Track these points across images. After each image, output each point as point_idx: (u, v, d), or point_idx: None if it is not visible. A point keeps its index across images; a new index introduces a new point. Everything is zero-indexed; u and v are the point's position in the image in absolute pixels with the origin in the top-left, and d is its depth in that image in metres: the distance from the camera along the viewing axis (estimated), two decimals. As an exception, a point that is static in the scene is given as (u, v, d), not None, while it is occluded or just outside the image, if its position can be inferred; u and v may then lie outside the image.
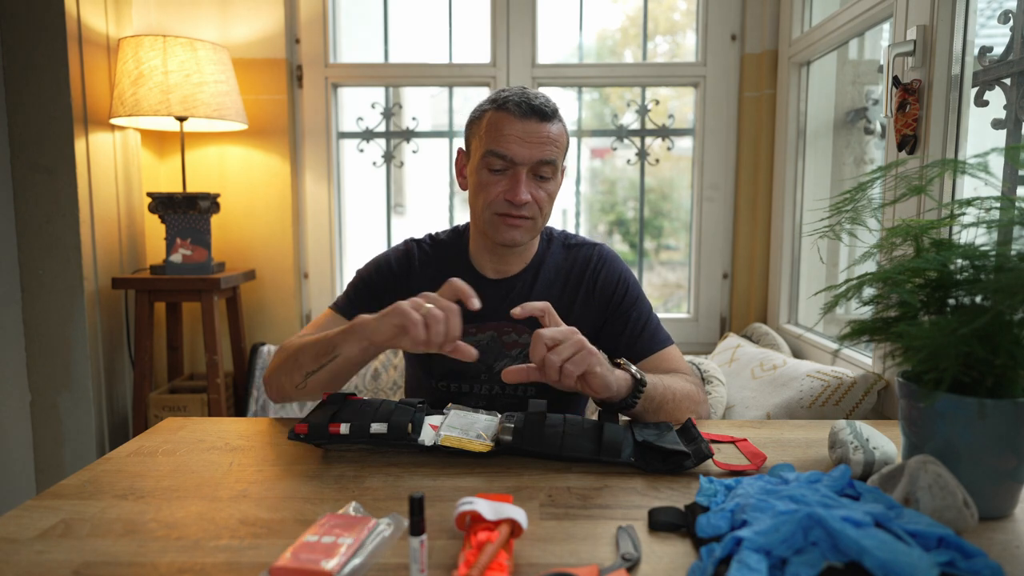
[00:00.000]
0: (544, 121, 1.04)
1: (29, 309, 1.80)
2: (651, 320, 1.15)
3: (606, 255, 1.18)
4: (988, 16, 1.25)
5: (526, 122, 1.02)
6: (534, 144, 1.03)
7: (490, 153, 1.03)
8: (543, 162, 1.04)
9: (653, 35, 2.45)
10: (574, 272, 1.16)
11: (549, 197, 1.08)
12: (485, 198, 1.06)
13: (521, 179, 1.03)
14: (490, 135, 1.04)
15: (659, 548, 0.62)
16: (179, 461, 0.85)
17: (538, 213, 1.07)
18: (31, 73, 1.74)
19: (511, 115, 1.03)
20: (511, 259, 1.13)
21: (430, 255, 1.18)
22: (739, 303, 2.19)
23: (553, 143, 1.05)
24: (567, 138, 1.10)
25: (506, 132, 1.02)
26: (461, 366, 1.13)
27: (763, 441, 0.92)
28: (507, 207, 1.04)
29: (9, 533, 0.65)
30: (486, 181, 1.05)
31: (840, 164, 1.90)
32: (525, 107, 1.03)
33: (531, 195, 1.04)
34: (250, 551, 0.62)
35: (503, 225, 1.05)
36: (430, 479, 0.79)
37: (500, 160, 1.03)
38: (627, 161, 2.26)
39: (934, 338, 0.62)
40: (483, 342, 1.13)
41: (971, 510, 0.62)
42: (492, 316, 1.12)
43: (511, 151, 1.02)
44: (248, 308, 2.21)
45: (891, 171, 0.85)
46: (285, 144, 2.16)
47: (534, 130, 1.03)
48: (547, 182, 1.06)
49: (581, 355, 0.85)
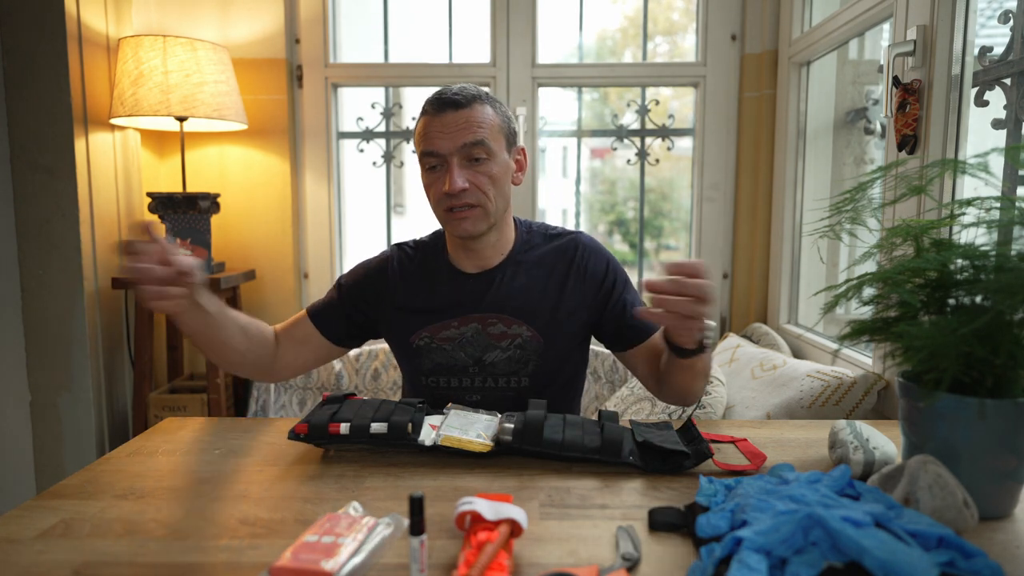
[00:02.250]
0: (459, 108, 1.06)
1: (29, 309, 1.80)
2: (641, 302, 1.18)
3: (588, 242, 1.19)
4: (988, 16, 1.25)
5: (442, 115, 1.05)
6: (453, 132, 1.05)
7: (423, 155, 1.07)
8: (468, 144, 1.05)
9: (653, 35, 2.45)
10: (561, 260, 1.17)
11: (491, 179, 1.07)
12: (432, 198, 1.09)
13: (452, 169, 1.05)
14: (420, 139, 1.08)
15: (659, 548, 0.62)
16: (179, 461, 0.85)
17: (484, 198, 1.07)
18: (31, 73, 1.74)
19: (429, 115, 1.07)
20: (485, 252, 1.14)
21: (411, 258, 1.20)
22: (739, 303, 2.19)
23: (475, 125, 1.06)
24: (501, 120, 1.10)
25: (429, 130, 1.06)
26: (448, 361, 1.14)
27: (763, 441, 0.92)
28: (448, 200, 1.06)
29: (9, 533, 0.65)
30: (427, 182, 1.09)
31: (840, 164, 1.90)
32: (438, 102, 1.06)
33: (469, 181, 1.05)
34: (250, 551, 0.62)
35: (453, 219, 1.07)
36: (430, 479, 0.79)
37: (431, 158, 1.06)
38: (627, 161, 2.26)
39: (934, 338, 0.62)
40: (467, 335, 1.13)
41: (971, 510, 0.62)
42: (474, 309, 1.13)
43: (434, 145, 1.05)
44: (248, 308, 2.21)
45: (891, 171, 0.85)
46: (285, 144, 2.16)
47: (451, 120, 1.05)
48: (483, 164, 1.07)
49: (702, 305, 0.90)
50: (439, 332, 1.14)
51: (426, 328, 1.14)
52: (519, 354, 1.12)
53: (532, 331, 1.11)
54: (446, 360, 1.13)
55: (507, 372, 1.13)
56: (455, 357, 1.13)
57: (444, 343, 1.13)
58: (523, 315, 1.12)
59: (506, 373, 1.13)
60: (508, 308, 1.12)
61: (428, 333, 1.14)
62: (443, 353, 1.13)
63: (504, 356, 1.12)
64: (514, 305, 1.12)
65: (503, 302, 1.12)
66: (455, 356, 1.13)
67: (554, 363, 1.14)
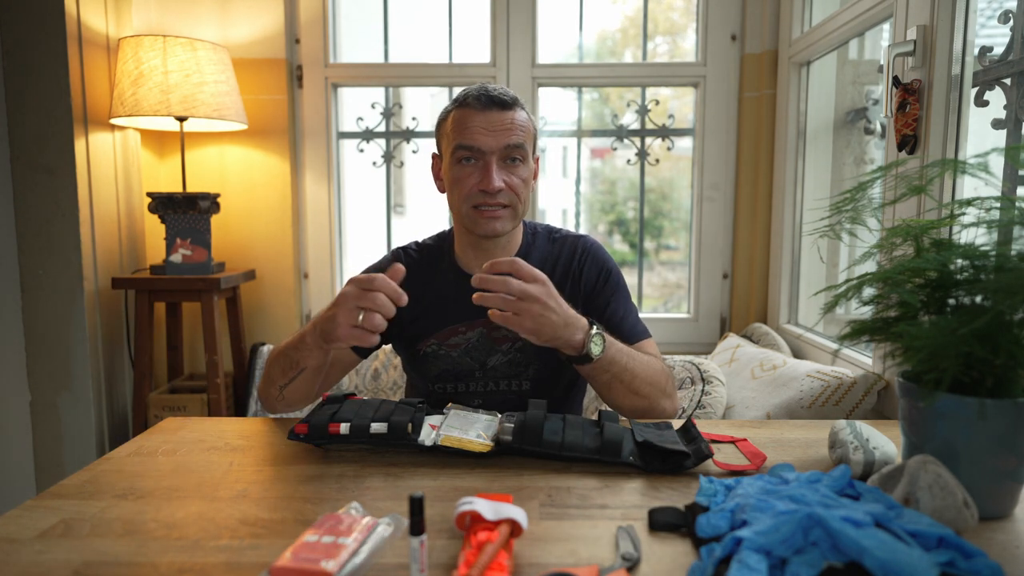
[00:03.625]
0: (505, 109, 1.06)
1: (29, 309, 1.80)
2: (629, 313, 1.16)
3: (590, 246, 1.19)
4: (988, 16, 1.25)
5: (488, 113, 1.05)
6: (498, 131, 1.05)
7: (459, 147, 1.06)
8: (511, 146, 1.06)
9: (653, 35, 2.45)
10: (560, 264, 1.17)
11: (523, 183, 1.09)
12: (460, 192, 1.08)
13: (492, 167, 1.05)
14: (456, 131, 1.07)
15: (659, 548, 0.62)
16: (179, 461, 0.85)
17: (515, 200, 1.08)
18: (31, 73, 1.74)
19: (472, 109, 1.06)
20: (495, 252, 1.14)
21: (416, 260, 1.19)
22: (739, 303, 2.19)
23: (519, 128, 1.07)
24: (533, 127, 1.12)
25: (470, 125, 1.05)
26: (454, 367, 1.13)
27: (763, 441, 0.92)
28: (482, 197, 1.06)
29: (9, 533, 0.65)
30: (458, 175, 1.07)
31: (840, 164, 1.90)
32: (485, 99, 1.06)
33: (504, 181, 1.06)
34: (250, 551, 0.62)
35: (481, 218, 1.07)
36: (430, 479, 0.79)
37: (469, 152, 1.06)
38: (627, 161, 2.26)
39: (934, 338, 0.62)
40: (473, 340, 1.13)
41: (971, 510, 0.62)
42: (480, 313, 1.11)
43: (477, 141, 1.05)
44: (248, 308, 2.21)
45: (891, 171, 0.85)
46: (285, 144, 2.16)
47: (496, 119, 1.05)
48: (519, 167, 1.08)
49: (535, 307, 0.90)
50: (447, 338, 1.13)
51: (434, 335, 1.13)
52: (520, 357, 1.12)
53: None
54: (452, 366, 1.13)
55: (508, 375, 1.13)
56: (461, 363, 1.13)
57: (452, 349, 1.13)
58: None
59: (507, 376, 1.13)
60: None
61: (436, 340, 1.13)
62: (450, 359, 1.13)
63: (505, 360, 1.12)
64: None
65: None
66: (461, 362, 1.13)
67: (555, 366, 1.14)
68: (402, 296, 0.85)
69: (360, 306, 0.85)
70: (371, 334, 0.85)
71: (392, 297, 0.85)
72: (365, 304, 0.84)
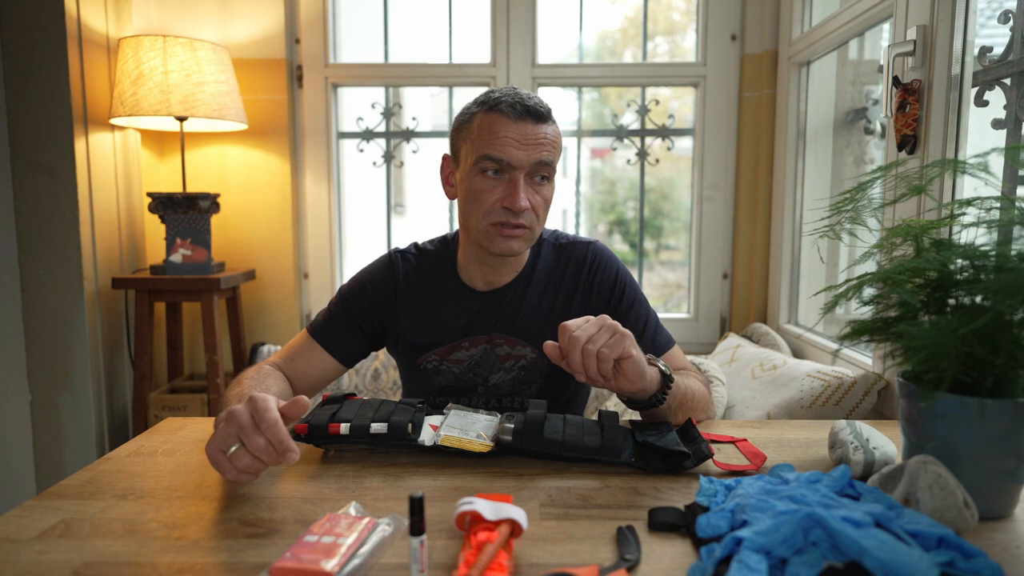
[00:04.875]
0: (540, 122, 0.98)
1: (29, 309, 1.80)
2: (651, 320, 1.11)
3: (600, 253, 1.12)
4: (988, 16, 1.25)
5: (521, 124, 0.96)
6: (531, 146, 0.96)
7: (484, 158, 0.96)
8: (541, 163, 0.98)
9: (653, 35, 2.45)
10: (568, 272, 1.11)
11: (546, 203, 1.02)
12: (480, 207, 0.99)
13: (519, 184, 0.96)
14: (483, 138, 0.97)
15: (659, 548, 0.62)
16: (179, 461, 0.85)
17: (535, 221, 1.01)
18: (31, 73, 1.74)
19: (505, 116, 0.96)
20: (503, 270, 1.08)
21: (415, 267, 1.12)
22: (739, 303, 2.19)
23: (551, 144, 0.99)
24: (561, 140, 1.05)
25: (501, 135, 0.96)
26: (456, 383, 1.11)
27: (763, 441, 0.92)
28: (505, 215, 0.98)
29: (9, 533, 0.65)
30: (480, 188, 0.98)
31: (840, 164, 1.90)
32: (520, 108, 0.97)
33: (529, 201, 0.98)
34: (250, 551, 0.62)
35: (499, 236, 0.99)
36: (430, 479, 0.79)
37: (496, 164, 0.96)
38: (627, 161, 2.26)
39: (934, 338, 0.62)
40: (476, 356, 1.10)
41: (971, 510, 0.62)
42: (483, 329, 1.09)
43: (507, 154, 0.95)
44: (248, 308, 2.21)
45: (891, 171, 0.85)
46: (285, 144, 2.16)
47: (530, 132, 0.96)
48: (544, 186, 1.01)
49: (616, 338, 0.79)
50: (449, 354, 1.10)
51: (435, 351, 1.10)
52: (523, 375, 1.10)
53: (536, 352, 1.09)
54: (454, 382, 1.11)
55: (511, 392, 1.11)
56: (463, 379, 1.10)
57: (454, 364, 1.10)
58: (528, 336, 1.08)
59: (509, 393, 1.11)
60: (513, 329, 1.09)
61: (437, 356, 1.10)
62: (451, 375, 1.10)
63: (508, 377, 1.10)
64: (520, 326, 1.09)
65: (509, 323, 1.09)
66: (463, 378, 1.10)
67: (557, 383, 1.12)
68: (289, 453, 0.69)
69: (240, 439, 0.70)
70: (252, 475, 0.72)
71: (276, 447, 0.69)
72: (245, 441, 0.70)
